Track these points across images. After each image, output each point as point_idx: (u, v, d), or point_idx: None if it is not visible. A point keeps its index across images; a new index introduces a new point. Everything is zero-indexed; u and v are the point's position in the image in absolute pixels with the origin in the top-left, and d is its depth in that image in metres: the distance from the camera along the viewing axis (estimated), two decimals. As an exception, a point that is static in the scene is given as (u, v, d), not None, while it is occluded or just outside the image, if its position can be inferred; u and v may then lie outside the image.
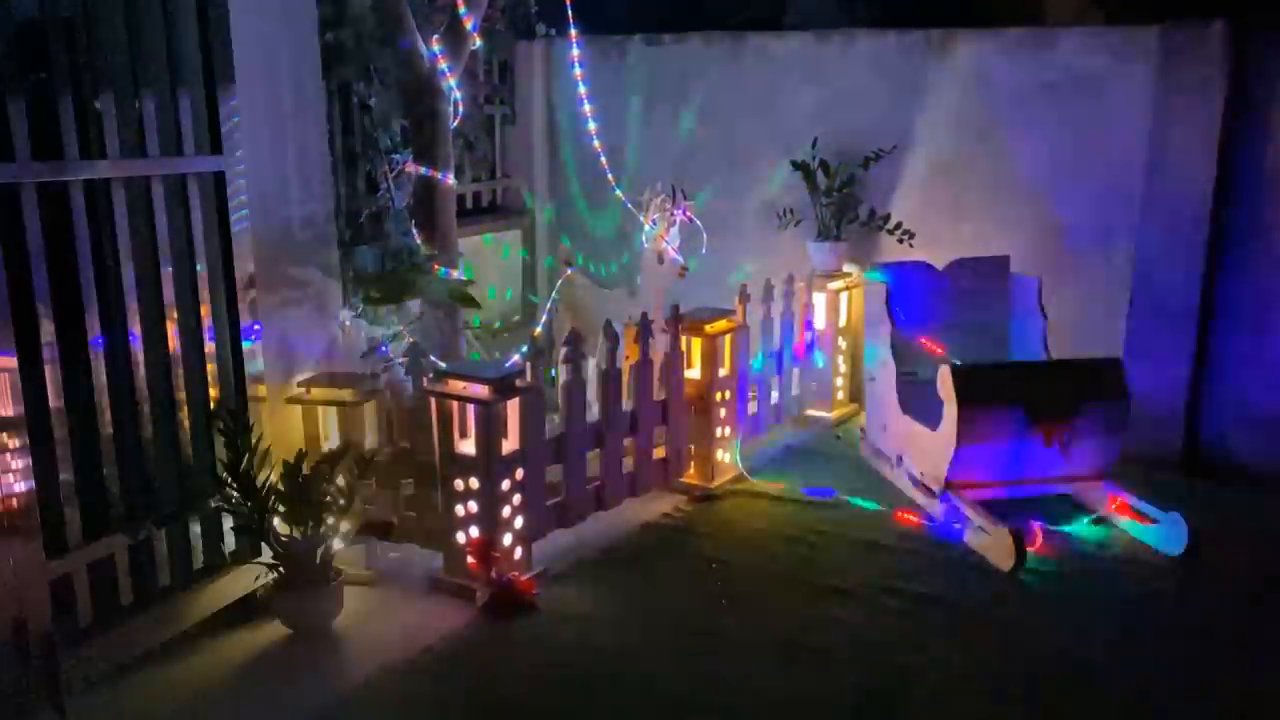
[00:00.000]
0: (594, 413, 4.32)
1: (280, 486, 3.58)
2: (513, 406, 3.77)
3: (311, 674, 3.43)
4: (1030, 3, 5.77)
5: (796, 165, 5.75)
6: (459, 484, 3.79)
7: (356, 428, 3.90)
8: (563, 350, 4.15)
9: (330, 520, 3.66)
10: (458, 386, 3.75)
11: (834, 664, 3.43)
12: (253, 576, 3.73)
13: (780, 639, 3.58)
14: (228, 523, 3.73)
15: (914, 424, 4.66)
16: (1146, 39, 4.97)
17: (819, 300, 5.70)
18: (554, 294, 6.20)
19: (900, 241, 5.50)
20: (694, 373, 4.75)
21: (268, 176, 3.85)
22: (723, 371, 4.80)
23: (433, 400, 3.81)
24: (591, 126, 5.69)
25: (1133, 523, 4.36)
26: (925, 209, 5.66)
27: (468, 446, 3.77)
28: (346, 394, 3.90)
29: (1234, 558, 4.14)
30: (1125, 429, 4.40)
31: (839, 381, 5.84)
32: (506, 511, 3.82)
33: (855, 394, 5.98)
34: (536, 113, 6.93)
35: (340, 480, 3.71)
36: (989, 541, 4.14)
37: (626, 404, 4.46)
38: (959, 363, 4.42)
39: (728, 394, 4.84)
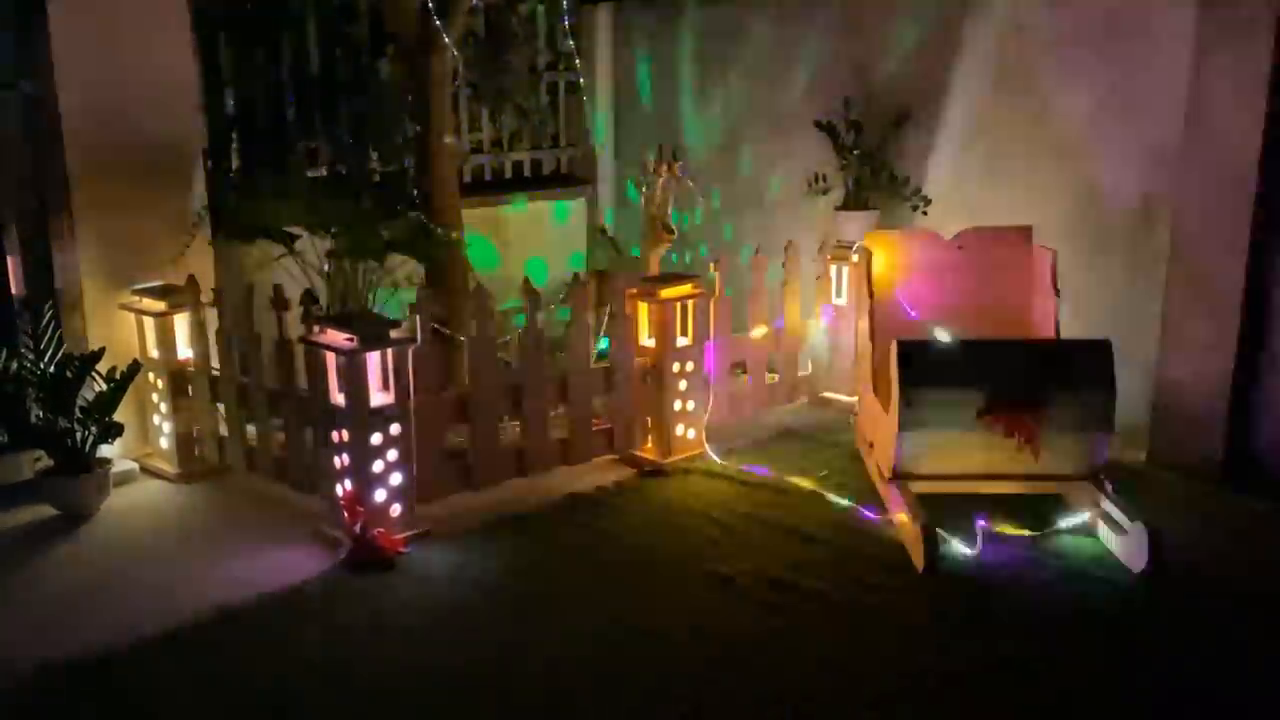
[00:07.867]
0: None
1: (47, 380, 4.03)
2: (378, 358, 3.67)
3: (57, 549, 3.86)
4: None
5: (822, 126, 5.32)
6: (335, 435, 3.75)
7: (166, 338, 4.28)
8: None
9: (96, 416, 4.05)
10: (329, 336, 3.70)
11: (662, 651, 3.14)
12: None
13: (620, 621, 3.31)
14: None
15: (877, 406, 4.21)
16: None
17: (841, 273, 5.24)
18: (583, 264, 6.04)
19: (914, 209, 4.97)
20: (647, 341, 4.49)
21: (97, 99, 4.21)
22: (682, 340, 4.50)
23: (307, 350, 3.78)
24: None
25: (1108, 531, 3.75)
26: (960, 174, 5.09)
27: (340, 398, 3.72)
28: (161, 305, 4.25)
29: (1209, 580, 3.52)
30: (1109, 424, 3.77)
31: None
32: (379, 467, 3.73)
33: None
34: (602, 79, 6.79)
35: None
36: (908, 538, 3.67)
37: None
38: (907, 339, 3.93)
39: (688, 365, 4.54)
